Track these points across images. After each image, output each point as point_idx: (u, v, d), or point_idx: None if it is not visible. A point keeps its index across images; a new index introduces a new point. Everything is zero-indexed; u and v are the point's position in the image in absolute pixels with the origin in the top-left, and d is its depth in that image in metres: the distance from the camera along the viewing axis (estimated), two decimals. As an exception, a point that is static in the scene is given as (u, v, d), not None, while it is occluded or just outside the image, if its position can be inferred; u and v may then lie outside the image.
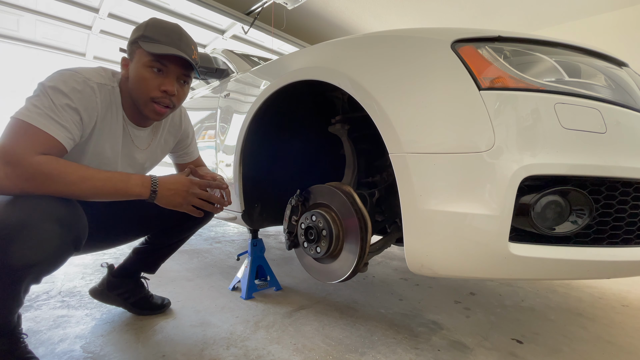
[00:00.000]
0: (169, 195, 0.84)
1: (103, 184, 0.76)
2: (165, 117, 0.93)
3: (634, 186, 0.70)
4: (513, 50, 0.76)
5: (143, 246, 1.17)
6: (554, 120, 0.67)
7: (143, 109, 0.88)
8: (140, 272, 1.21)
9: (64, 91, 0.76)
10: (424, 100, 0.74)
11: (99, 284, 1.20)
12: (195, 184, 0.89)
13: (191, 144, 1.20)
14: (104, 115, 0.86)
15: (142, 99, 0.86)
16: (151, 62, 0.84)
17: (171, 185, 0.84)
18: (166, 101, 0.88)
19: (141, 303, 1.18)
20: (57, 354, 0.92)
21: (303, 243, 1.03)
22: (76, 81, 0.79)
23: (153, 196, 0.82)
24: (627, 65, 0.89)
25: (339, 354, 0.96)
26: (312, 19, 4.75)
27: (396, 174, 0.75)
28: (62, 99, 0.75)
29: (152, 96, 0.86)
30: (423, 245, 0.73)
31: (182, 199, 0.86)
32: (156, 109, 0.88)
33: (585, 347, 1.05)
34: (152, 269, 1.22)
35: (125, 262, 1.19)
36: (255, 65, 1.71)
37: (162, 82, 0.86)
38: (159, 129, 1.05)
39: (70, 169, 0.73)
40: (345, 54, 0.93)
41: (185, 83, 0.92)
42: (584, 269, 0.68)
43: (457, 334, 1.10)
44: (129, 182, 0.79)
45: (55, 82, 0.76)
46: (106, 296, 1.18)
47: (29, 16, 3.58)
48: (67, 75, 0.78)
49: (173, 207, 0.86)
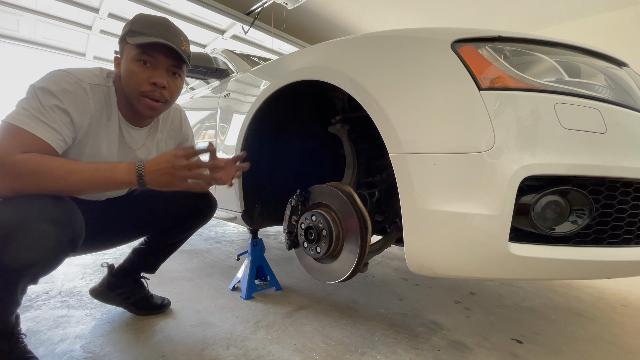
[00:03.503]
0: (156, 176, 0.78)
1: (90, 175, 0.73)
2: (159, 113, 0.91)
3: (634, 186, 0.70)
4: (513, 50, 0.76)
5: (143, 246, 1.17)
6: (554, 120, 0.67)
7: (136, 105, 0.87)
8: (140, 272, 1.21)
9: (53, 92, 0.75)
10: (424, 100, 0.74)
11: (99, 284, 1.20)
12: (180, 156, 0.79)
13: (191, 144, 1.19)
14: (98, 116, 0.85)
15: (134, 94, 0.85)
16: (139, 55, 0.83)
17: (155, 166, 0.78)
18: (157, 95, 0.86)
19: (141, 303, 1.18)
20: (57, 354, 0.92)
21: (303, 243, 1.03)
22: (68, 82, 0.78)
23: (141, 181, 0.77)
24: (627, 65, 0.89)
25: (339, 354, 0.96)
26: (312, 19, 4.75)
27: (396, 174, 0.75)
28: (51, 100, 0.75)
29: (142, 90, 0.84)
30: (423, 245, 0.73)
31: (171, 176, 0.78)
32: (148, 104, 0.86)
33: (585, 347, 1.05)
34: (152, 269, 1.21)
35: (125, 262, 1.19)
36: (255, 65, 1.71)
37: (151, 74, 0.84)
38: (157, 130, 1.03)
39: (55, 163, 0.71)
40: (345, 53, 0.93)
41: (176, 75, 0.90)
42: (584, 269, 0.68)
43: (457, 334, 1.10)
44: (115, 171, 0.76)
45: (45, 83, 0.76)
46: (106, 296, 1.17)
47: (29, 16, 3.58)
48: (58, 76, 0.78)
49: (167, 188, 0.80)
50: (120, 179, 0.76)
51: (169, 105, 0.92)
